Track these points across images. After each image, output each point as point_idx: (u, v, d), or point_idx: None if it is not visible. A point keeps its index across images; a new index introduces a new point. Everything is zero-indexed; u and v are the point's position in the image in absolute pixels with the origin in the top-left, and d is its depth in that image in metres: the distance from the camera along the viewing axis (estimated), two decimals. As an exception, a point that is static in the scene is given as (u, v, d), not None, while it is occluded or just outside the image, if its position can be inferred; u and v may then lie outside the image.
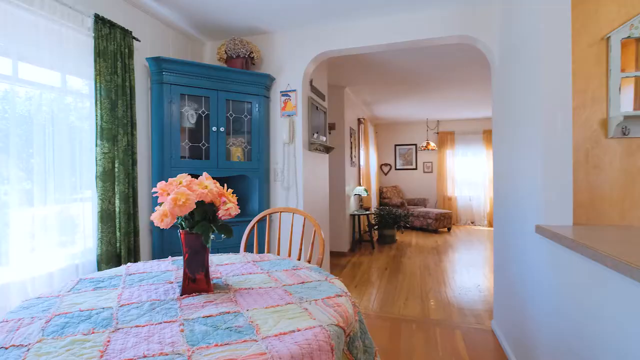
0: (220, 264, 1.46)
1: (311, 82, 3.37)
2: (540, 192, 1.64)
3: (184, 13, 2.71)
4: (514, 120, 2.08)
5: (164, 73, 2.54)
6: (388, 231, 6.03)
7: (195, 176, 2.89)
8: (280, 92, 3.13)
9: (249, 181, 3.09)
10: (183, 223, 1.11)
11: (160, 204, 1.09)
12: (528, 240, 1.83)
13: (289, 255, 1.76)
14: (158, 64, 2.52)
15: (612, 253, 1.04)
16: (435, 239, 6.54)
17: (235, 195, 1.23)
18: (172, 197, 1.03)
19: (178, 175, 1.17)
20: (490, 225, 7.73)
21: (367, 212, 5.64)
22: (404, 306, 3.14)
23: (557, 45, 1.60)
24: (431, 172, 8.39)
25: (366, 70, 4.38)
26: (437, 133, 8.28)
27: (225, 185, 1.26)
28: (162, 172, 2.53)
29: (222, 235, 1.10)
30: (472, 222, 8.08)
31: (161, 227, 1.03)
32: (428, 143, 7.22)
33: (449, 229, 7.34)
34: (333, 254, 5.12)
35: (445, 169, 8.17)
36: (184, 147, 2.70)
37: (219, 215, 1.13)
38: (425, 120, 8.25)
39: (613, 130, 1.62)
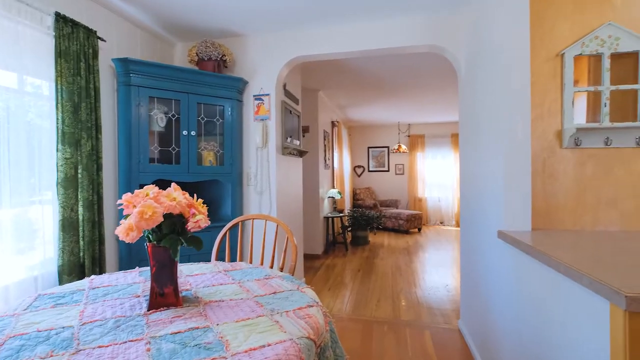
0: (190, 275, 1.44)
1: (285, 86, 3.37)
2: (502, 198, 1.73)
3: (151, 12, 2.63)
4: (478, 128, 2.18)
5: (131, 75, 2.45)
6: (361, 233, 6.12)
7: (166, 182, 2.82)
8: (254, 95, 3.10)
9: (222, 186, 3.04)
10: (150, 236, 1.09)
11: (126, 217, 1.06)
12: (491, 244, 1.92)
13: (262, 263, 1.76)
14: (125, 65, 2.43)
15: (564, 260, 1.12)
16: (407, 239, 6.70)
17: (205, 205, 1.21)
18: (138, 210, 1.00)
19: (145, 187, 1.14)
20: (458, 225, 8.01)
21: (341, 215, 5.69)
22: (376, 308, 3.20)
23: (517, 60, 1.69)
24: (403, 174, 8.59)
25: (340, 74, 4.43)
26: (409, 136, 8.49)
27: (195, 195, 1.24)
28: (129, 177, 2.45)
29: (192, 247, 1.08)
30: (441, 223, 8.35)
31: (126, 242, 1.00)
32: (400, 146, 7.39)
33: (419, 230, 7.54)
34: (307, 257, 5.14)
35: (416, 171, 8.39)
36: (153, 151, 2.63)
37: (188, 228, 1.11)
38: (397, 124, 8.44)
39: (567, 141, 1.74)
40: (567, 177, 1.76)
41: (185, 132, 2.68)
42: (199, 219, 1.11)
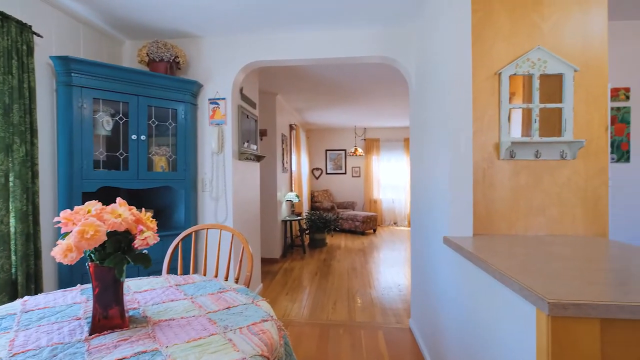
0: (138, 291, 1.38)
1: (241, 90, 3.32)
2: (447, 206, 1.85)
3: (96, 7, 2.47)
4: (426, 139, 2.31)
5: (73, 74, 2.29)
6: (319, 235, 6.19)
7: (113, 189, 2.66)
8: (209, 99, 3.03)
9: (175, 192, 2.93)
10: (92, 255, 1.03)
11: (64, 236, 1.00)
12: (438, 248, 2.05)
13: (216, 275, 1.72)
14: (65, 64, 2.26)
15: (499, 266, 1.23)
16: (362, 240, 6.88)
17: (154, 220, 1.17)
18: (78, 230, 0.95)
19: (87, 203, 1.08)
20: (410, 225, 8.37)
21: (299, 218, 5.71)
22: (332, 311, 3.26)
23: (460, 77, 1.82)
24: (359, 176, 8.81)
25: (298, 79, 4.45)
26: (365, 140, 8.73)
27: (143, 209, 1.19)
28: (71, 184, 2.28)
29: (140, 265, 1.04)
30: (394, 223, 8.68)
31: (65, 263, 0.94)
32: (356, 149, 7.57)
33: (374, 231, 7.77)
34: (265, 261, 5.09)
35: (371, 173, 8.65)
36: (99, 156, 2.47)
37: (135, 245, 1.07)
38: (354, 128, 8.64)
39: (503, 153, 1.90)
40: (504, 186, 1.92)
41: (134, 136, 2.55)
42: (147, 235, 1.07)
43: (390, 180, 8.74)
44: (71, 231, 0.98)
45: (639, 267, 1.23)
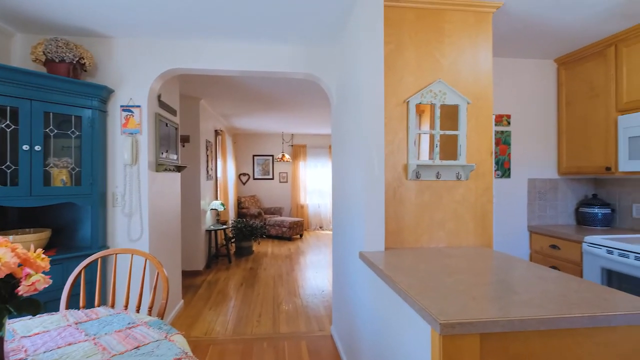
0: (27, 335, 1.22)
1: (159, 96, 3.12)
2: (362, 222, 1.99)
3: (-23, -1, 2.12)
4: (345, 153, 2.45)
5: (-59, 74, 1.93)
6: (245, 243, 6.09)
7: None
8: (121, 106, 2.79)
9: (79, 208, 2.64)
10: (-33, 306, 0.90)
11: None
12: (354, 260, 2.19)
13: (126, 306, 1.61)
14: None
15: (403, 285, 1.37)
16: (289, 246, 6.95)
17: (47, 258, 1.05)
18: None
19: (-40, 245, 0.93)
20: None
21: (224, 227, 5.55)
22: (257, 324, 3.25)
23: (374, 103, 1.97)
24: (286, 182, 8.88)
25: (223, 86, 4.33)
26: (292, 146, 8.83)
27: (32, 246, 1.07)
28: (-63, 205, 1.92)
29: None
30: (320, 227, 8.94)
31: None
32: (283, 155, 7.62)
33: (301, 236, 7.90)
34: (187, 274, 4.84)
35: (298, 179, 8.78)
36: (-24, 170, 2.12)
37: (20, 292, 0.95)
38: (282, 134, 8.68)
39: (410, 174, 2.11)
40: (411, 203, 2.13)
41: (26, 147, 2.24)
42: (35, 280, 0.96)
43: (316, 185, 8.98)
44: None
45: (513, 279, 1.47)
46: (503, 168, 3.03)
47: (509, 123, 3.06)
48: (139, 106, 2.81)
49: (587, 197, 3.16)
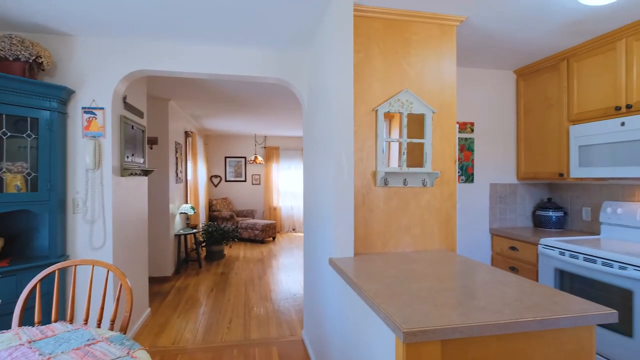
0: (-24, 357, 1.15)
1: (125, 98, 3.02)
2: (332, 229, 2.01)
3: None
4: (316, 160, 2.47)
5: None
6: (216, 247, 5.98)
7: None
8: (83, 108, 2.67)
9: (36, 215, 2.50)
10: None
11: None
12: (324, 266, 2.21)
13: (86, 322, 1.54)
14: None
15: (370, 293, 1.40)
16: (262, 249, 6.90)
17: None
18: None
19: None
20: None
21: (194, 231, 5.43)
22: (227, 331, 3.20)
23: (344, 111, 2.01)
24: (259, 184, 8.80)
25: (193, 87, 4.24)
26: (265, 148, 8.77)
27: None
28: None
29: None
30: (293, 229, 8.94)
31: None
32: (256, 157, 7.55)
33: (274, 238, 7.86)
34: (155, 280, 4.70)
35: (271, 181, 8.73)
36: None
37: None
38: (254, 135, 8.60)
39: (379, 181, 2.16)
40: (380, 209, 2.18)
41: (-25, 152, 2.10)
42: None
43: (289, 187, 8.97)
44: None
45: (474, 284, 1.55)
46: (467, 173, 3.17)
47: (472, 130, 3.20)
48: (102, 108, 2.70)
49: (543, 201, 3.36)
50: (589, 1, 1.90)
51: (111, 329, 1.48)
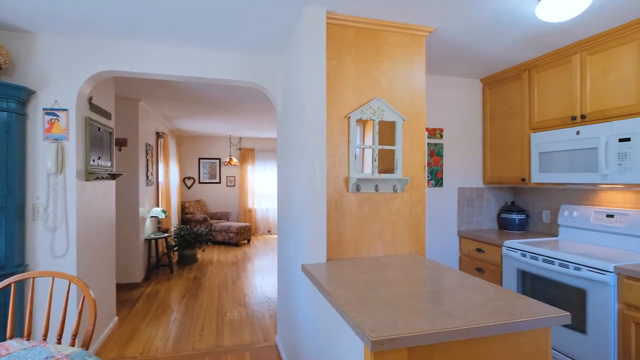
0: None
1: (90, 99, 2.90)
2: (305, 235, 2.02)
3: None
4: (289, 165, 2.47)
5: None
6: (189, 251, 5.85)
7: None
8: (44, 109, 2.55)
9: (-11, 223, 2.36)
10: None
11: None
12: (297, 272, 2.22)
13: (45, 336, 1.48)
14: None
15: (341, 300, 1.43)
16: (236, 252, 6.81)
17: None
18: None
19: None
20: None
21: (166, 235, 5.28)
22: (199, 338, 3.14)
23: (317, 117, 2.03)
24: (234, 186, 8.68)
25: (164, 89, 4.13)
26: (240, 149, 8.66)
27: None
28: None
29: None
30: (268, 232, 8.88)
31: None
32: (231, 159, 7.45)
33: (248, 241, 7.78)
34: (123, 287, 4.53)
35: (246, 183, 8.63)
36: None
37: None
38: (229, 137, 8.47)
39: (351, 187, 2.20)
40: (352, 215, 2.22)
41: None
42: None
43: (265, 189, 8.90)
44: None
45: (441, 289, 1.60)
46: (436, 178, 3.27)
47: (442, 136, 3.31)
48: (65, 109, 2.58)
49: (507, 204, 3.52)
50: (546, 17, 2.01)
51: (73, 344, 1.42)
